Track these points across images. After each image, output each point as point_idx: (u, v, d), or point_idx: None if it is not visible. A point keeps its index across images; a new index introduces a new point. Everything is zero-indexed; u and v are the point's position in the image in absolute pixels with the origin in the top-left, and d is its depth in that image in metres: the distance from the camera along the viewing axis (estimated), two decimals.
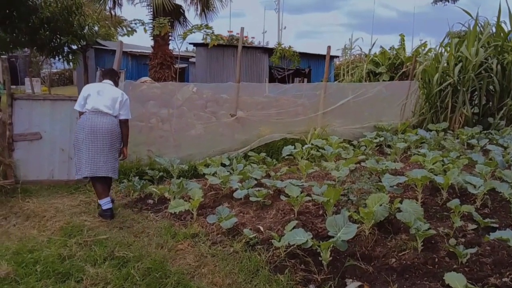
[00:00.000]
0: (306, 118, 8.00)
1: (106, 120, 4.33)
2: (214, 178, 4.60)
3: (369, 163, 5.06)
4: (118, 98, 4.42)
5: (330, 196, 3.52)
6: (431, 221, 3.76)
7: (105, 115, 4.34)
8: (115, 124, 4.41)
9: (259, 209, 4.20)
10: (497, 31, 8.73)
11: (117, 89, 4.61)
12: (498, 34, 8.74)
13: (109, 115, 4.36)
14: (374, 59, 13.57)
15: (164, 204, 4.57)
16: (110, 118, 4.37)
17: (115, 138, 4.41)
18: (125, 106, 4.47)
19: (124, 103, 4.46)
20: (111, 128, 4.35)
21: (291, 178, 5.37)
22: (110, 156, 4.37)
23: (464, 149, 6.51)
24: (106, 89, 4.48)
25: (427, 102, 8.99)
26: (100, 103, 4.34)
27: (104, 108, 4.34)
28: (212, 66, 16.55)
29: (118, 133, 4.45)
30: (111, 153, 4.38)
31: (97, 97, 4.37)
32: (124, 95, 4.52)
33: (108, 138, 4.33)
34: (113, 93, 4.46)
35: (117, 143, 4.46)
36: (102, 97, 4.38)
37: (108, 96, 4.41)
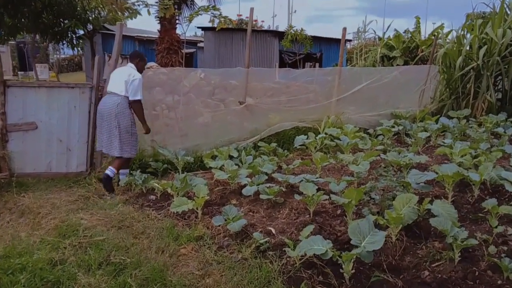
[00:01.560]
0: (319, 106, 7.53)
1: (110, 100, 4.57)
2: (221, 173, 4.22)
3: (390, 156, 4.63)
4: (125, 78, 4.53)
5: (352, 196, 3.12)
6: (464, 224, 3.35)
7: (112, 96, 4.58)
8: (117, 104, 4.52)
9: (270, 208, 3.81)
10: None
11: (130, 70, 4.68)
12: None
13: (116, 95, 4.55)
14: (388, 42, 12.98)
15: (167, 201, 4.21)
16: (115, 98, 4.55)
17: (115, 118, 4.51)
18: (132, 86, 4.51)
19: (131, 84, 4.51)
20: (110, 108, 4.52)
21: (304, 171, 4.98)
22: (111, 135, 4.57)
23: (492, 139, 6.02)
24: (121, 71, 4.72)
25: (447, 88, 8.46)
26: (111, 85, 4.66)
27: (112, 89, 4.62)
28: (221, 51, 16.05)
29: (119, 113, 4.52)
30: (111, 132, 4.57)
31: (110, 80, 4.70)
32: (132, 76, 4.55)
33: (107, 118, 4.54)
34: (123, 74, 4.59)
35: (119, 122, 4.53)
36: (114, 80, 4.67)
37: (118, 77, 4.62)
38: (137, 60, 4.81)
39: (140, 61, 4.85)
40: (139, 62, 4.83)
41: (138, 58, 4.83)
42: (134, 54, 4.93)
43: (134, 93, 4.52)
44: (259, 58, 15.47)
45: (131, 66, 4.75)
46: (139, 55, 4.93)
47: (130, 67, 4.73)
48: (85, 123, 5.28)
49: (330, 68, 8.23)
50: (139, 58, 4.86)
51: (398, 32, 13.19)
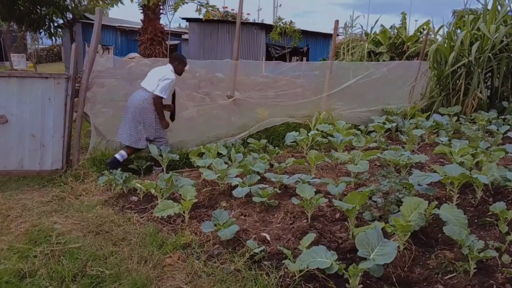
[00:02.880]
0: (309, 101, 7.28)
1: (138, 95, 4.73)
2: (210, 172, 3.90)
3: (388, 155, 4.39)
4: (159, 76, 4.67)
5: (355, 201, 2.85)
6: (472, 229, 3.13)
7: (141, 91, 4.73)
8: (144, 99, 4.67)
9: (263, 211, 3.52)
10: None
11: (167, 70, 4.80)
12: None
13: (146, 91, 4.70)
14: (375, 38, 12.86)
15: (150, 203, 3.88)
16: (143, 94, 4.70)
17: (140, 112, 4.67)
18: (162, 84, 4.64)
19: (163, 81, 4.64)
20: (137, 103, 4.68)
21: (297, 170, 4.71)
22: (131, 126, 4.72)
23: (487, 136, 5.87)
24: (159, 70, 4.84)
25: (438, 84, 8.31)
26: (144, 81, 4.80)
27: (144, 84, 4.76)
28: (206, 43, 15.59)
29: (145, 108, 4.67)
30: (132, 124, 4.71)
31: (147, 76, 4.86)
32: (167, 75, 4.69)
33: (132, 111, 4.70)
34: (160, 73, 4.73)
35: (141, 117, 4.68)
36: (150, 76, 4.82)
37: (154, 75, 4.75)
38: (176, 63, 4.92)
39: (179, 64, 4.95)
40: (178, 65, 4.93)
41: (177, 61, 4.94)
42: (174, 57, 5.05)
43: (160, 90, 4.64)
44: (245, 52, 15.11)
45: (170, 68, 4.86)
46: (179, 58, 5.03)
47: (169, 69, 4.84)
48: (60, 117, 4.87)
49: (320, 62, 7.97)
50: (178, 61, 4.95)
51: (385, 28, 13.07)
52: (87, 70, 4.97)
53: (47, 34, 12.40)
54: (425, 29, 12.28)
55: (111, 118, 5.75)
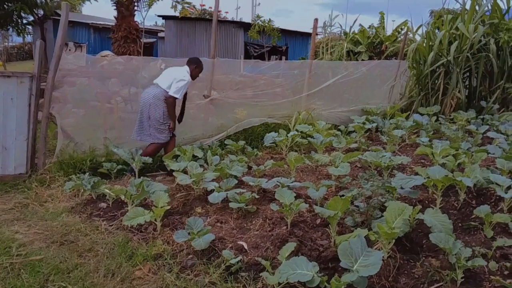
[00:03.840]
0: (288, 101, 7.13)
1: (149, 91, 4.72)
2: (185, 177, 3.68)
3: (369, 157, 4.28)
4: (175, 76, 4.65)
5: (337, 208, 2.70)
6: (456, 233, 3.03)
7: (154, 87, 4.71)
8: (154, 95, 4.64)
9: (241, 218, 3.33)
10: (493, 8, 8.06)
11: (184, 72, 4.77)
12: (494, 11, 8.07)
13: (158, 87, 4.67)
14: (354, 37, 12.87)
15: (120, 209, 3.63)
16: (154, 90, 4.68)
17: (147, 107, 4.66)
18: (177, 83, 4.62)
19: (178, 81, 4.63)
20: (148, 99, 4.66)
21: (277, 172, 4.55)
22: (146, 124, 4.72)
23: (467, 136, 5.86)
24: (175, 70, 4.82)
25: (417, 84, 8.30)
26: (159, 78, 4.77)
27: (157, 81, 4.73)
28: (183, 41, 15.26)
29: (153, 104, 4.64)
30: (146, 121, 4.71)
31: (162, 74, 4.85)
32: (183, 76, 4.67)
33: (145, 108, 4.68)
34: (176, 73, 4.72)
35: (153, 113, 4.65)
36: (165, 75, 4.80)
37: (170, 74, 4.74)
38: (193, 66, 4.90)
39: (197, 67, 4.94)
40: (195, 69, 4.92)
41: (195, 65, 4.92)
42: (192, 60, 5.00)
43: (175, 90, 4.62)
44: (224, 50, 14.87)
45: (187, 69, 4.84)
46: (197, 61, 4.99)
47: (186, 70, 4.82)
48: (24, 118, 4.56)
49: (299, 61, 7.83)
50: (196, 64, 4.94)
51: (363, 27, 13.10)
52: (53, 68, 4.67)
53: (15, 31, 11.86)
54: (403, 29, 12.35)
55: (82, 118, 5.47)
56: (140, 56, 8.70)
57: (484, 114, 7.33)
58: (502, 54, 7.64)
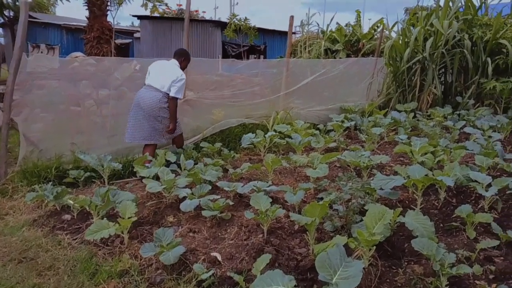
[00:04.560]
0: (266, 100, 6.96)
1: (150, 95, 4.57)
2: (155, 184, 3.46)
3: (348, 156, 4.16)
4: (172, 77, 4.55)
5: (314, 214, 2.55)
6: (438, 235, 2.93)
7: (152, 91, 4.58)
8: (159, 100, 4.56)
9: (215, 226, 3.15)
10: (467, 4, 8.11)
11: (177, 69, 4.69)
12: (467, 8, 8.12)
13: (158, 91, 4.57)
14: (331, 35, 12.85)
15: (86, 221, 3.39)
16: (156, 94, 4.57)
17: (158, 112, 4.58)
18: (178, 85, 4.56)
19: (178, 82, 4.56)
20: (152, 103, 4.54)
21: (254, 175, 4.38)
22: (146, 125, 4.59)
23: (444, 133, 5.82)
24: (165, 67, 4.72)
25: (394, 81, 8.28)
26: (153, 79, 4.64)
27: (153, 83, 4.60)
28: (159, 41, 14.92)
29: (162, 108, 4.58)
30: (147, 123, 4.59)
31: (154, 74, 4.67)
32: (180, 76, 4.59)
33: (147, 111, 4.55)
34: (170, 72, 4.60)
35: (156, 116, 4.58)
36: (156, 74, 4.66)
37: (162, 73, 4.62)
38: (182, 58, 4.82)
39: (185, 60, 4.86)
40: (184, 61, 4.84)
41: (183, 57, 4.83)
42: (180, 52, 4.91)
43: (176, 91, 4.57)
44: (201, 50, 14.61)
45: (176, 63, 4.75)
46: (185, 53, 4.91)
47: (176, 65, 4.74)
48: None
49: (277, 59, 7.69)
50: (184, 56, 4.85)
51: (340, 25, 13.08)
52: (12, 71, 4.37)
53: None
54: (379, 27, 12.39)
55: (50, 123, 5.18)
56: (113, 57, 8.38)
57: (460, 110, 7.36)
58: (476, 50, 7.68)
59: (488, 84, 7.16)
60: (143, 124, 4.59)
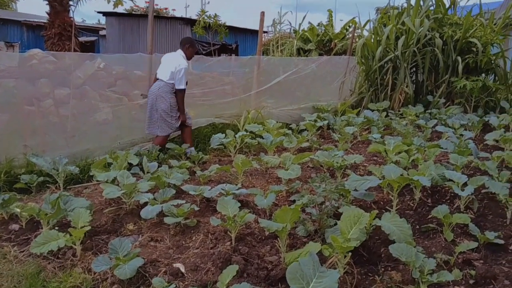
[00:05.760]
0: (237, 99, 6.75)
1: (157, 85, 4.72)
2: (113, 189, 3.17)
3: (321, 156, 3.99)
4: (171, 68, 4.61)
5: (286, 219, 2.35)
6: (414, 237, 2.80)
7: (159, 81, 4.72)
8: (159, 88, 4.67)
9: (179, 234, 2.90)
10: (437, 3, 8.16)
11: (179, 58, 4.72)
12: (438, 6, 8.18)
13: (162, 81, 4.68)
14: (303, 35, 12.80)
15: (35, 231, 3.06)
16: (161, 83, 4.69)
17: (154, 100, 4.68)
18: (177, 75, 4.61)
19: (177, 73, 4.61)
20: (156, 92, 4.68)
21: (223, 177, 4.15)
22: (155, 116, 4.74)
23: (417, 131, 5.78)
24: (170, 57, 4.81)
25: (366, 80, 8.24)
26: (159, 71, 4.80)
27: (159, 75, 4.76)
28: (126, 39, 14.43)
29: (159, 96, 4.66)
30: (155, 114, 4.73)
31: (161, 66, 4.83)
32: (179, 65, 4.61)
33: (152, 101, 4.70)
34: (171, 61, 4.69)
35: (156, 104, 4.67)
36: (163, 65, 4.79)
37: (167, 64, 4.73)
38: (186, 46, 4.81)
39: (190, 47, 4.84)
40: (189, 48, 4.83)
41: (188, 44, 4.83)
42: (184, 40, 4.91)
43: (178, 83, 4.63)
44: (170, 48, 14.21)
45: (180, 53, 4.79)
46: (189, 41, 4.90)
47: (180, 55, 4.77)
48: None
49: (247, 57, 7.49)
50: (189, 44, 4.85)
51: (312, 25, 13.04)
52: None
53: None
54: (351, 26, 12.42)
55: (5, 124, 4.79)
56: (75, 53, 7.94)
57: (431, 108, 7.38)
58: (447, 49, 7.73)
59: (459, 83, 7.21)
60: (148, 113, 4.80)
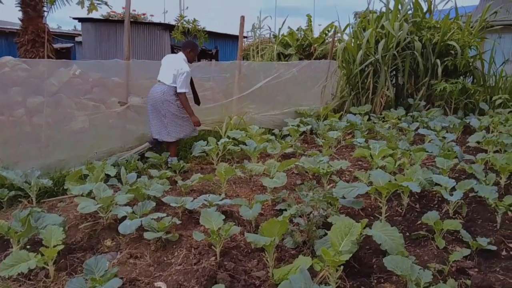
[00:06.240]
0: (219, 105, 6.60)
1: (158, 88, 4.68)
2: (89, 203, 2.98)
3: (306, 163, 3.89)
4: (173, 71, 4.59)
5: (273, 233, 2.23)
6: (406, 245, 2.71)
7: (161, 84, 4.68)
8: (163, 92, 4.62)
9: (160, 249, 2.73)
10: (415, 7, 8.25)
11: (181, 62, 4.69)
12: (416, 10, 8.26)
13: (163, 84, 4.65)
14: (283, 39, 12.81)
15: (5, 251, 2.84)
16: (161, 87, 4.65)
17: (160, 105, 4.63)
18: (180, 80, 4.58)
19: (179, 76, 4.57)
20: (158, 96, 4.63)
21: (206, 186, 4.01)
22: (158, 121, 4.72)
23: (400, 135, 5.76)
24: (171, 60, 4.80)
25: (348, 84, 8.24)
26: (160, 74, 4.77)
27: (161, 78, 4.72)
28: (103, 45, 14.10)
29: (166, 100, 4.61)
30: (158, 119, 4.72)
31: (162, 69, 4.79)
32: (181, 69, 4.58)
33: (155, 105, 4.67)
34: (173, 64, 4.65)
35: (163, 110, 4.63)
36: (164, 68, 4.76)
37: (168, 68, 4.69)
38: (188, 50, 4.82)
39: (191, 51, 4.85)
40: (190, 52, 4.83)
41: (189, 48, 4.83)
42: (186, 44, 4.95)
43: (180, 86, 4.60)
44: (149, 54, 13.99)
45: (182, 57, 4.77)
46: (191, 45, 4.92)
47: (182, 59, 4.75)
48: None
49: (228, 62, 7.36)
50: (190, 48, 4.86)
51: (292, 30, 13.07)
52: None
53: None
54: (330, 31, 12.49)
55: None
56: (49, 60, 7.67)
57: (412, 111, 7.42)
58: (426, 52, 7.80)
59: (439, 85, 7.27)
60: (153, 119, 4.73)
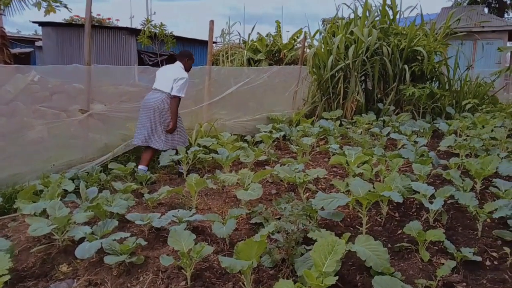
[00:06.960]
0: (188, 111, 6.33)
1: (154, 96, 4.67)
2: (41, 224, 2.65)
3: (281, 172, 3.71)
4: (173, 77, 4.61)
5: (251, 254, 2.01)
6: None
7: (157, 93, 4.68)
8: (162, 101, 4.62)
9: (123, 275, 2.45)
10: (382, 13, 8.32)
11: (179, 69, 4.76)
12: (383, 17, 8.33)
13: (161, 92, 4.65)
14: (253, 45, 12.73)
15: None
16: (159, 95, 4.65)
17: (160, 114, 4.63)
18: (178, 84, 4.60)
19: (178, 81, 4.60)
20: (156, 104, 4.62)
21: (176, 200, 3.74)
22: (152, 128, 4.65)
23: (373, 140, 5.70)
24: (169, 69, 4.86)
25: (319, 89, 8.18)
26: (157, 82, 4.77)
27: (158, 86, 4.71)
28: (65, 50, 13.47)
29: (164, 109, 4.63)
30: (151, 126, 4.65)
31: (158, 77, 4.82)
32: (180, 75, 4.64)
33: (152, 113, 4.63)
34: (171, 73, 4.68)
35: (162, 118, 4.64)
36: (161, 77, 4.78)
37: (166, 75, 4.72)
38: (185, 59, 4.89)
39: (189, 60, 4.93)
40: (188, 61, 4.91)
41: (186, 58, 4.91)
42: (183, 54, 4.98)
43: (177, 90, 4.61)
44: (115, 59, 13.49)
45: (180, 65, 4.83)
46: (188, 54, 4.98)
47: (180, 67, 4.81)
48: None
49: (197, 67, 7.13)
50: (188, 57, 4.93)
51: (261, 35, 13.02)
52: None
53: None
54: (299, 37, 12.52)
55: None
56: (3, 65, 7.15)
57: (382, 116, 7.45)
58: (394, 58, 7.86)
59: (408, 90, 7.32)
60: (145, 125, 4.63)
